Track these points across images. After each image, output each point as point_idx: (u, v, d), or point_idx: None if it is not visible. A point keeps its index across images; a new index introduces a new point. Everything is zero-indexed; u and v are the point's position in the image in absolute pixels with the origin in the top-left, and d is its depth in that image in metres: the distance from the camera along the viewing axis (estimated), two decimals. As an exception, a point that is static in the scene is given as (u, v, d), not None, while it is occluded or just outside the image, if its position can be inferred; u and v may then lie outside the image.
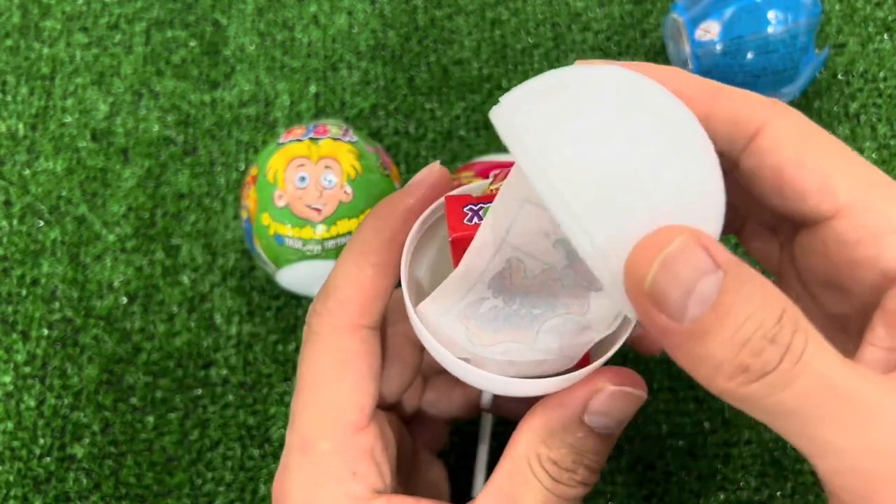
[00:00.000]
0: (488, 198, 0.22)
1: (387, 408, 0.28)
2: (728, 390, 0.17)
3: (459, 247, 0.22)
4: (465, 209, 0.22)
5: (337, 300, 0.24)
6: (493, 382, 0.22)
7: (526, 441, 0.23)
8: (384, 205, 0.25)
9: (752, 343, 0.17)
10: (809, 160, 0.20)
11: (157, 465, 0.37)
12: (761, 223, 0.25)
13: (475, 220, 0.22)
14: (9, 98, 0.43)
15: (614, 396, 0.22)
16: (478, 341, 0.22)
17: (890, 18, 0.43)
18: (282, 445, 0.25)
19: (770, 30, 0.35)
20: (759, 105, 0.21)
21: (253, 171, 0.35)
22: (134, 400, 0.38)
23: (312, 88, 0.43)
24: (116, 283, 0.40)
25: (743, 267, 0.17)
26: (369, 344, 0.24)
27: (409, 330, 0.26)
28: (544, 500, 0.22)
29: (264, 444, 0.37)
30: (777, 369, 0.17)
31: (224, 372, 0.38)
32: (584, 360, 0.24)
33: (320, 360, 0.24)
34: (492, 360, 0.22)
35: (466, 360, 0.22)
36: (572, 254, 0.21)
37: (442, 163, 0.41)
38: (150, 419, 0.37)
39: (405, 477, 0.28)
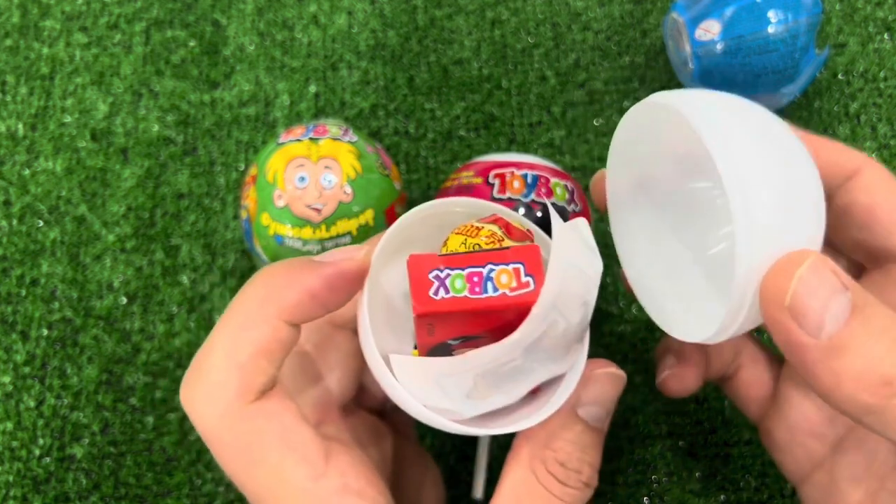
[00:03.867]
0: (457, 261, 0.21)
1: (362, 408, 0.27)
2: (872, 405, 0.18)
3: (424, 321, 0.21)
4: (430, 276, 0.21)
5: (211, 384, 0.21)
6: (488, 430, 0.22)
7: (529, 450, 0.23)
8: (280, 273, 0.22)
9: (890, 356, 0.18)
10: None
11: (157, 465, 0.36)
12: (834, 255, 0.27)
13: (441, 292, 0.20)
14: (9, 98, 0.43)
15: (601, 381, 0.23)
16: (477, 395, 0.22)
17: (890, 18, 0.43)
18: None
19: (770, 29, 0.35)
20: (854, 153, 0.25)
21: (252, 170, 0.35)
22: (134, 400, 0.38)
23: (312, 88, 0.43)
24: (116, 283, 0.39)
25: (864, 290, 0.19)
26: (265, 415, 0.21)
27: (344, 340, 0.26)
28: None
29: (264, 445, 0.37)
30: None
31: (224, 372, 0.38)
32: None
33: (230, 457, 0.21)
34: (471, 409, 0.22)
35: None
36: (588, 310, 0.22)
37: (442, 163, 0.41)
38: (150, 419, 0.37)
39: (396, 470, 0.28)
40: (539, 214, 0.32)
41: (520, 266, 0.21)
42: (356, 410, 0.27)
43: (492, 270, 0.21)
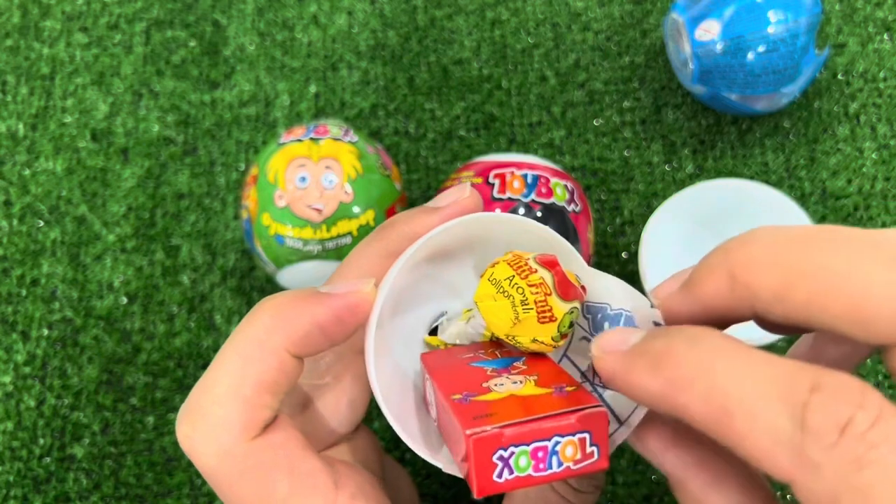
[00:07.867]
0: (522, 437, 0.20)
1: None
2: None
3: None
4: (495, 458, 0.19)
5: (213, 419, 0.20)
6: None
7: None
8: (287, 303, 0.21)
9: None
10: None
11: (157, 465, 0.37)
12: None
13: (505, 473, 0.19)
14: (9, 98, 0.43)
15: None
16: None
17: (890, 18, 0.43)
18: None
19: (770, 29, 0.35)
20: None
21: (253, 171, 0.35)
22: (134, 400, 0.38)
23: (312, 88, 0.43)
24: (116, 283, 0.39)
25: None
26: (271, 449, 0.21)
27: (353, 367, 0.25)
28: None
29: (264, 445, 0.37)
30: None
31: (224, 372, 0.38)
32: None
33: (236, 496, 0.21)
34: None
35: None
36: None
37: (442, 163, 0.42)
38: (150, 419, 0.37)
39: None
40: (539, 214, 0.32)
41: (586, 436, 0.20)
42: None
43: (557, 443, 0.20)
